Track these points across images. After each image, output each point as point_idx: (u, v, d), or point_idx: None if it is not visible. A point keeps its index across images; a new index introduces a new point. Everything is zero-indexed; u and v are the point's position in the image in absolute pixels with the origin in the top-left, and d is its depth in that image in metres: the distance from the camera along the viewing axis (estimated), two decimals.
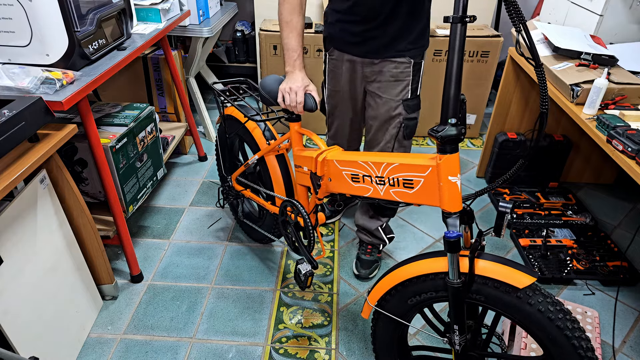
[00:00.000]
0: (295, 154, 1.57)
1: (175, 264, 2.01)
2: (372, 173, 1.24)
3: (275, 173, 1.73)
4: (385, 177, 1.21)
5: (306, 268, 1.62)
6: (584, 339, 1.03)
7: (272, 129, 1.79)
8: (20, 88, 1.37)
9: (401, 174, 1.17)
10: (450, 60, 0.97)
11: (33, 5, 1.39)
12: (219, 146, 2.04)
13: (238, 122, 1.84)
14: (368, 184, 1.27)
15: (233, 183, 2.00)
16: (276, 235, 1.92)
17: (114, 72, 1.64)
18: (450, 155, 1.03)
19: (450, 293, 1.12)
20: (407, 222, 2.29)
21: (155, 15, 2.10)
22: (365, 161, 1.25)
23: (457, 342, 1.19)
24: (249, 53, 3.55)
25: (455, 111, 1.00)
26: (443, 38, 2.73)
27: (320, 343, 1.68)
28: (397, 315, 1.27)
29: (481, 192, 1.18)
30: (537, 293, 1.05)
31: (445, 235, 1.06)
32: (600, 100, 1.60)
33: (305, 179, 1.53)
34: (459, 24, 0.95)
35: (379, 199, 1.26)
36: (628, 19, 1.99)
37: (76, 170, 1.78)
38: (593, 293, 1.90)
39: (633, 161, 1.38)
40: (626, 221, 2.34)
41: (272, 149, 1.71)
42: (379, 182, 1.24)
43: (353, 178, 1.31)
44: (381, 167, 1.21)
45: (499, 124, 2.48)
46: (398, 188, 1.19)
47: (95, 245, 1.67)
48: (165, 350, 1.64)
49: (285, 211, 1.65)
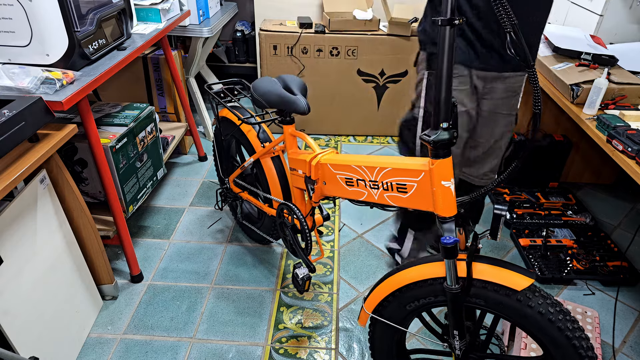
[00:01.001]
0: (290, 157, 1.55)
1: (175, 264, 2.01)
2: (366, 177, 1.23)
3: (271, 175, 1.72)
4: (379, 182, 1.20)
5: (303, 272, 1.61)
6: (584, 338, 1.03)
7: (267, 131, 1.78)
8: (20, 88, 1.37)
9: (394, 178, 1.15)
10: (440, 64, 0.96)
11: (33, 5, 1.39)
12: (216, 148, 2.04)
13: (233, 124, 1.83)
14: (362, 188, 1.26)
15: (231, 185, 2.00)
16: (274, 237, 1.91)
17: (114, 72, 1.64)
18: (443, 159, 1.01)
19: (449, 298, 1.11)
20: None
21: (155, 15, 2.10)
22: (359, 165, 1.23)
23: (457, 346, 1.18)
24: (249, 53, 3.55)
25: (447, 115, 0.98)
26: None
27: (320, 343, 1.68)
28: (395, 321, 1.26)
29: (475, 195, 1.15)
30: (536, 295, 1.05)
31: (442, 241, 1.04)
32: (600, 100, 1.60)
33: (300, 181, 1.51)
34: (447, 26, 0.93)
35: (374, 202, 1.25)
36: (628, 19, 1.99)
37: (76, 170, 1.78)
38: (593, 293, 1.90)
39: (633, 161, 1.38)
40: (626, 221, 2.34)
41: (267, 151, 1.69)
42: (372, 187, 1.22)
43: (347, 182, 1.29)
44: (374, 172, 1.20)
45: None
46: (392, 192, 1.18)
47: (95, 245, 1.67)
48: (165, 350, 1.64)
49: (282, 214, 1.64)
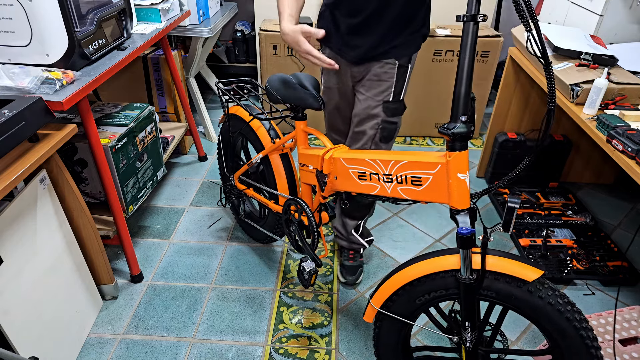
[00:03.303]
0: (300, 152, 1.56)
1: (175, 264, 2.01)
2: (380, 171, 1.24)
3: (279, 172, 1.74)
4: (393, 175, 1.21)
5: (310, 266, 1.61)
6: (590, 329, 1.06)
7: (276, 128, 1.80)
8: (20, 88, 1.37)
9: (410, 171, 1.17)
10: (462, 59, 0.99)
11: (33, 5, 1.39)
12: (222, 145, 2.04)
13: (242, 121, 1.85)
14: (375, 181, 1.27)
15: (235, 182, 2.01)
16: (278, 234, 1.92)
17: (114, 72, 1.64)
18: (460, 152, 1.04)
19: (462, 290, 1.13)
20: (407, 222, 2.29)
21: (155, 15, 2.10)
22: (373, 159, 1.25)
23: (468, 338, 1.19)
24: (249, 53, 3.55)
25: (466, 108, 1.01)
26: (443, 38, 2.73)
27: (320, 343, 1.68)
28: (404, 316, 1.26)
29: (488, 190, 1.18)
30: (546, 287, 1.08)
31: (458, 231, 1.07)
32: (600, 100, 1.60)
33: (310, 177, 1.53)
34: (471, 22, 0.97)
35: (386, 196, 1.26)
36: (628, 19, 1.99)
37: (76, 170, 1.78)
38: (593, 293, 1.90)
39: (633, 161, 1.38)
40: (626, 221, 2.34)
41: (277, 147, 1.71)
42: (386, 180, 1.23)
43: (360, 176, 1.30)
44: (389, 165, 1.21)
45: (499, 124, 2.48)
46: (406, 185, 1.19)
47: (95, 245, 1.68)
48: (165, 350, 1.64)
49: (289, 209, 1.65)
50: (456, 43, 2.74)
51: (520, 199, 1.10)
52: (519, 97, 2.40)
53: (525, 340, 1.71)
